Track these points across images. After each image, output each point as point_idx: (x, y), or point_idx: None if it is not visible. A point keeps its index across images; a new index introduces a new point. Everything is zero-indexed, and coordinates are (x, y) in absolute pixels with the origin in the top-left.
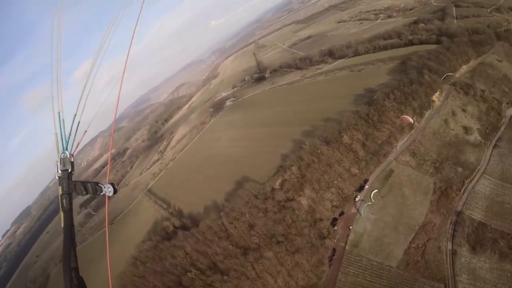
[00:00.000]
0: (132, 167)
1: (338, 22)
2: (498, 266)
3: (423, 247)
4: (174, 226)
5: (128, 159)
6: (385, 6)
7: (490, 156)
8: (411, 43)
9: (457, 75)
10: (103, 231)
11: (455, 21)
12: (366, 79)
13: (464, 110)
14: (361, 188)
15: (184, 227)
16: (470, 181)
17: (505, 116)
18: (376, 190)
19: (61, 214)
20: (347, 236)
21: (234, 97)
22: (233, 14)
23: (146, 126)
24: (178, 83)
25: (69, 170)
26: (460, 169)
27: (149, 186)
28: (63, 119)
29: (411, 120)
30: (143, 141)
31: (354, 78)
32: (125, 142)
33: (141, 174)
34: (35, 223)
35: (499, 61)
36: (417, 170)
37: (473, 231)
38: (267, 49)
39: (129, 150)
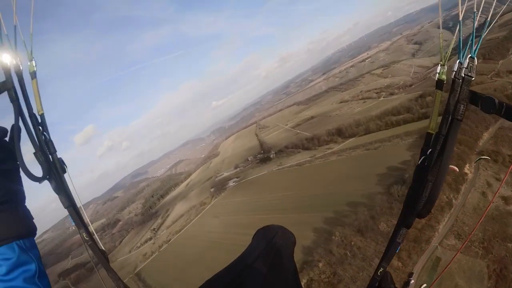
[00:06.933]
0: (121, 242)
1: (340, 102)
2: None
3: None
4: None
5: (118, 232)
6: (385, 84)
7: None
8: (424, 116)
9: (480, 144)
10: None
11: None
12: (386, 157)
13: (498, 179)
14: (406, 284)
15: None
16: None
17: None
18: (425, 285)
19: None
20: None
21: (237, 178)
22: (232, 96)
23: (141, 200)
24: (177, 159)
25: None
26: (510, 245)
27: (138, 269)
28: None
29: (456, 168)
30: (135, 215)
31: (372, 157)
32: (117, 213)
33: (130, 252)
34: None
35: None
36: (466, 254)
37: None
38: (269, 130)
39: (120, 223)
